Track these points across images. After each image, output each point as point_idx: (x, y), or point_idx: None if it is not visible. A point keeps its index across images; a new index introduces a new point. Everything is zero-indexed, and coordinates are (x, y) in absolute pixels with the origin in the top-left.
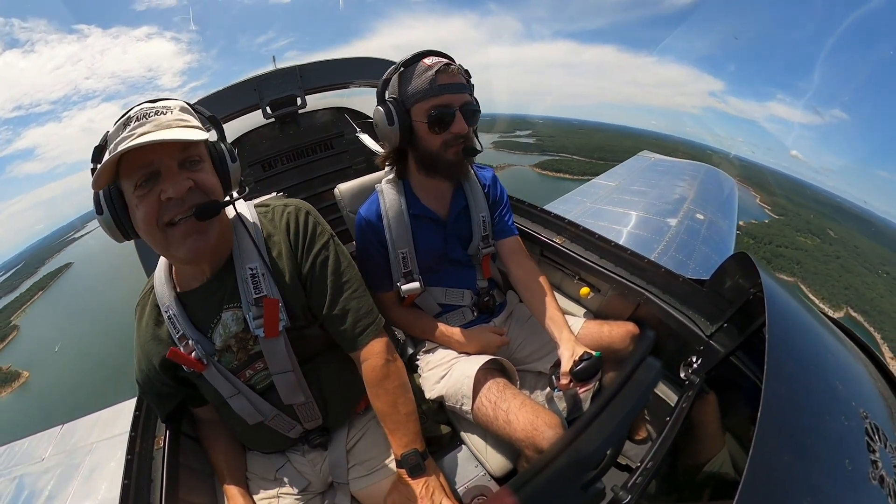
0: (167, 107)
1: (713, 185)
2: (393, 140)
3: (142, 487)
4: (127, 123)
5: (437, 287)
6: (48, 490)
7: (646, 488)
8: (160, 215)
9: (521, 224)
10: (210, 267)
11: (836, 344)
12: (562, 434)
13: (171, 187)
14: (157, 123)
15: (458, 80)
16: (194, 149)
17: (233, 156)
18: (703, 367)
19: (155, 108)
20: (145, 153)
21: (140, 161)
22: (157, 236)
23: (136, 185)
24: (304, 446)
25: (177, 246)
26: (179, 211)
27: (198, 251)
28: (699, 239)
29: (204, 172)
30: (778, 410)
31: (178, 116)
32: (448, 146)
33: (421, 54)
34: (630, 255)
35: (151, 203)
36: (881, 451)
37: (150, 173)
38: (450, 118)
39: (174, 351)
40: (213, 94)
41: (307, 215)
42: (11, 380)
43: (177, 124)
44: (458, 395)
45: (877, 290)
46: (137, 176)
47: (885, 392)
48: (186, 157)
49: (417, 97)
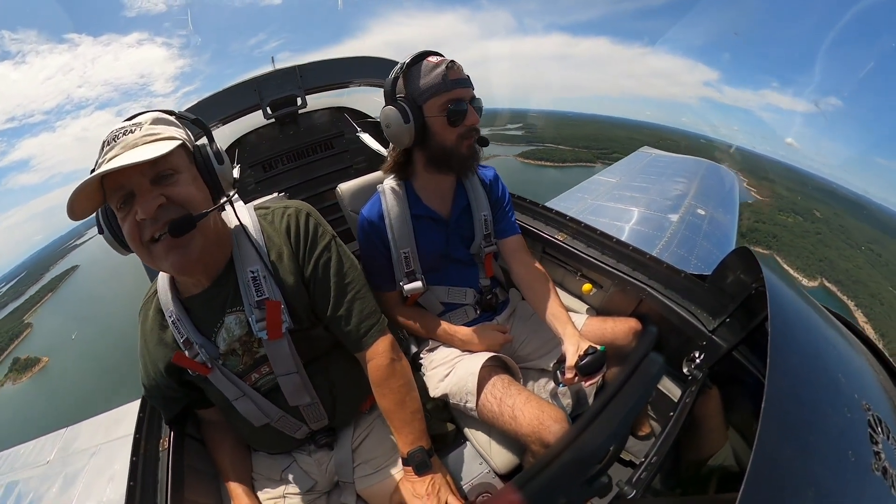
0: (137, 123)
1: (714, 180)
2: (407, 139)
3: (147, 489)
4: (103, 148)
5: (440, 286)
6: (53, 494)
7: (650, 483)
8: (141, 234)
9: (523, 221)
10: (206, 275)
11: (837, 337)
12: (567, 428)
13: (140, 208)
14: (124, 145)
15: (465, 76)
16: (164, 163)
17: (220, 157)
18: (705, 362)
19: (123, 129)
20: (117, 176)
21: (113, 185)
22: (143, 253)
23: (117, 208)
24: (310, 446)
25: (161, 261)
26: (156, 228)
27: (181, 266)
28: (700, 234)
29: (178, 185)
30: (780, 404)
31: (147, 132)
32: (463, 139)
33: (424, 54)
34: (632, 251)
35: (131, 223)
36: (884, 442)
37: (124, 195)
38: (465, 111)
39: (179, 355)
40: (214, 96)
41: (308, 217)
42: (31, 365)
43: (143, 142)
44: (462, 392)
45: (855, 263)
46: (115, 199)
47: (887, 384)
48: (157, 173)
49: (430, 93)
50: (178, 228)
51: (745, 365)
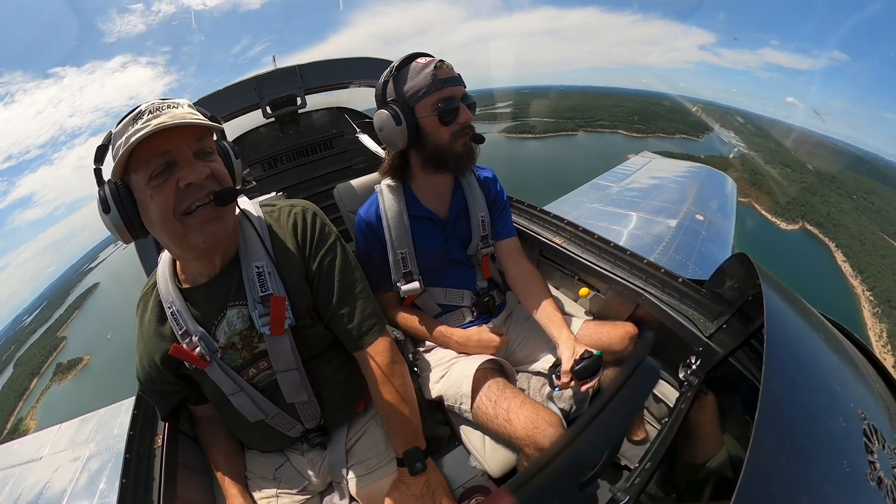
0: (177, 102)
1: (713, 186)
2: (400, 142)
3: (140, 486)
4: (138, 118)
5: (437, 287)
6: (46, 489)
7: (644, 489)
8: (177, 204)
9: (521, 225)
10: (220, 260)
11: (834, 345)
12: (562, 432)
13: (190, 173)
14: (172, 115)
15: (455, 74)
16: (208, 140)
17: (236, 153)
18: (701, 367)
19: (167, 103)
20: (161, 142)
21: (157, 150)
22: (174, 227)
23: (150, 177)
24: (303, 445)
25: (195, 234)
26: (198, 197)
27: (216, 237)
28: (699, 240)
29: (217, 163)
30: (776, 411)
31: (190, 111)
32: (457, 137)
33: (413, 56)
34: (629, 255)
35: (169, 192)
36: (879, 452)
37: (166, 162)
38: (456, 109)
39: (177, 347)
40: (214, 94)
41: (315, 216)
42: (74, 365)
43: (191, 117)
44: (457, 394)
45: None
46: (154, 166)
47: (883, 393)
48: (201, 149)
49: (421, 93)
50: (223, 198)
51: (741, 371)
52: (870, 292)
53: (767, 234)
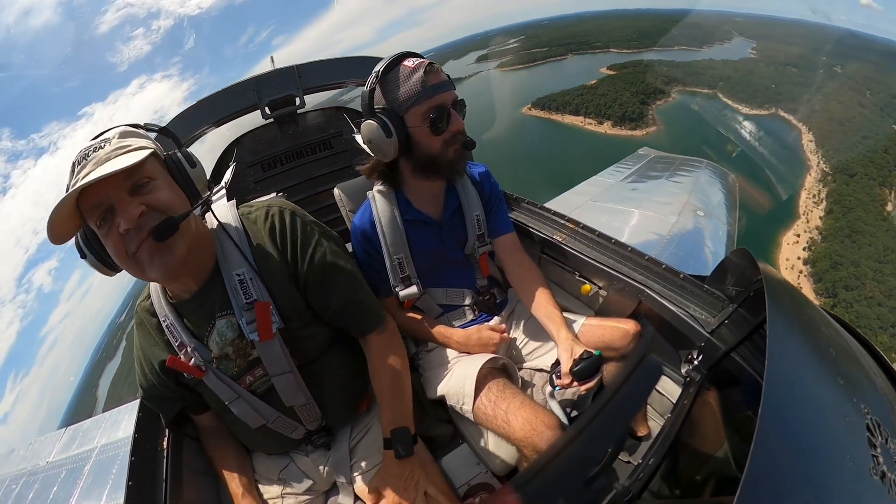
0: (105, 139)
1: (714, 181)
2: (390, 152)
3: (146, 489)
4: (72, 170)
5: (437, 288)
6: (53, 493)
7: (647, 484)
8: (126, 246)
9: (520, 221)
10: (194, 279)
11: (836, 340)
12: (560, 435)
13: (122, 219)
14: (96, 161)
15: (445, 78)
16: (139, 172)
17: (191, 161)
18: (704, 363)
19: (92, 146)
20: (94, 192)
21: (91, 201)
22: (131, 266)
23: (97, 226)
24: (307, 446)
25: (149, 269)
26: (139, 238)
27: (168, 270)
28: (700, 235)
29: (156, 192)
30: (779, 406)
31: (117, 145)
32: (448, 145)
33: (398, 58)
34: (630, 251)
35: (115, 237)
36: (882, 446)
37: (104, 211)
38: (448, 117)
39: (173, 359)
40: (212, 96)
41: (293, 216)
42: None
43: (114, 155)
44: (459, 394)
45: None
46: (95, 216)
47: (885, 388)
48: (134, 183)
49: (411, 102)
50: (161, 232)
51: (743, 366)
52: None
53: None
